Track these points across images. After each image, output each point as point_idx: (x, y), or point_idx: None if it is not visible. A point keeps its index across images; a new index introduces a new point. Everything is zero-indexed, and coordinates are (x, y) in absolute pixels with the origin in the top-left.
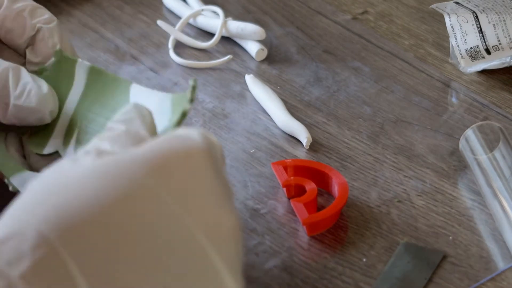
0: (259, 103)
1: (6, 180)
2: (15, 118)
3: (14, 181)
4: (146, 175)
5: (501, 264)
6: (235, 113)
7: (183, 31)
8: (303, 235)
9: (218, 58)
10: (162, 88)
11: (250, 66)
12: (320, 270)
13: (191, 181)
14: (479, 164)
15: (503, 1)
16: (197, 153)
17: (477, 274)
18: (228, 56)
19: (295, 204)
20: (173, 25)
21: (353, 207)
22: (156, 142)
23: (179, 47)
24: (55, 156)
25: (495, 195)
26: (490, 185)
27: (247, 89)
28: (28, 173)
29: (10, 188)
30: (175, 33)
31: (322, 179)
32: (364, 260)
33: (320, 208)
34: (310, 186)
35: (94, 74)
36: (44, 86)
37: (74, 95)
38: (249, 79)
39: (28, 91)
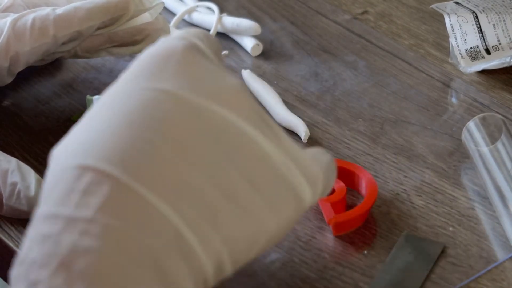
0: (256, 98)
1: None
2: (10, 215)
3: None
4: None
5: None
6: None
7: (178, 28)
8: (302, 235)
9: None
10: None
11: (246, 61)
12: (320, 270)
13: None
14: (481, 155)
15: (503, 1)
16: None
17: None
18: (224, 52)
19: (322, 203)
20: (168, 21)
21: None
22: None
23: None
24: None
25: (496, 186)
26: (491, 177)
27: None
28: None
29: None
30: (170, 29)
31: (348, 177)
32: (364, 260)
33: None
34: (339, 185)
35: None
36: (32, 186)
37: None
38: (246, 74)
39: (17, 193)
